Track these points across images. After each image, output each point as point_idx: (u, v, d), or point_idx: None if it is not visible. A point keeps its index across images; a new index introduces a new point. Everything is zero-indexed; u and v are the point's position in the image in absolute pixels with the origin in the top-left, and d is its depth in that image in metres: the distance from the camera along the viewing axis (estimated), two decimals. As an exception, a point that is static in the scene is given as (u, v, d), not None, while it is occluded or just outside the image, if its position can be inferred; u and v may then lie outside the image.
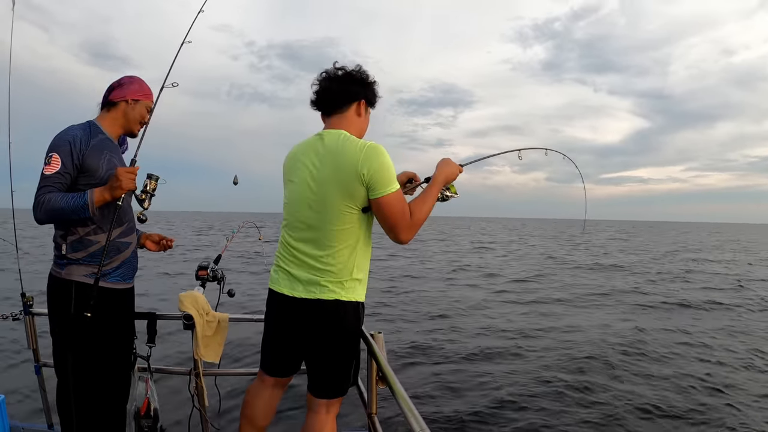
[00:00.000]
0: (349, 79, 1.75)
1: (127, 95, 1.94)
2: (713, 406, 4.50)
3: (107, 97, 1.94)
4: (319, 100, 1.78)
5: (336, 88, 1.74)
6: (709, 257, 23.06)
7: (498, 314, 8.52)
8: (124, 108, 1.94)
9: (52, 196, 1.73)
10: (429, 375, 5.18)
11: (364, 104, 1.79)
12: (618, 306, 9.60)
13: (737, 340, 7.08)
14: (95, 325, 1.81)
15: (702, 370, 5.56)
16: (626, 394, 4.70)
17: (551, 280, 13.50)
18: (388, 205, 1.63)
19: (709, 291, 11.92)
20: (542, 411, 4.29)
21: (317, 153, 1.69)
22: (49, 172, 1.74)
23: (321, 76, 1.77)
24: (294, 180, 1.74)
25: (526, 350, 6.17)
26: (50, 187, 1.74)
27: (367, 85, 1.79)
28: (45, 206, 1.72)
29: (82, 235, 1.82)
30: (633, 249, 28.27)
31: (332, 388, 1.75)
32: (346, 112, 1.76)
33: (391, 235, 1.68)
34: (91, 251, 1.82)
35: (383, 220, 1.66)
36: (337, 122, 1.75)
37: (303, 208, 1.70)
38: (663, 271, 16.01)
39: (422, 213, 1.71)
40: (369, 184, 1.60)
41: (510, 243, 32.54)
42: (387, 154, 1.62)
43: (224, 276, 2.36)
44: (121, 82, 1.96)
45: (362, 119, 1.80)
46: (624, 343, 6.55)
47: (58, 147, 1.77)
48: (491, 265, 17.24)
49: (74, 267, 1.81)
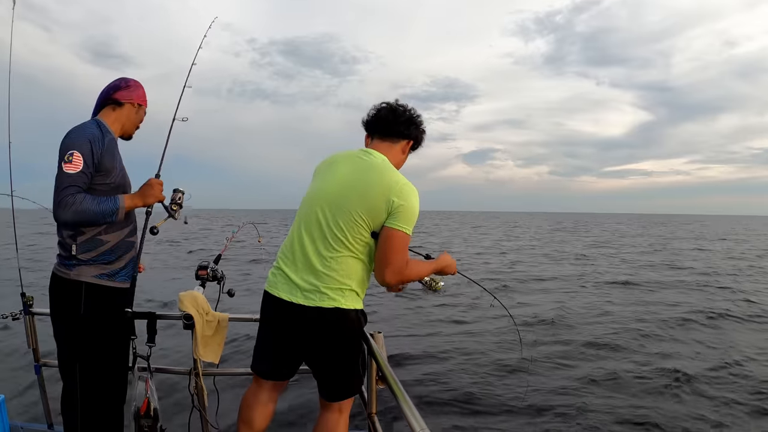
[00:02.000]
0: (410, 120, 1.87)
1: (135, 99, 1.94)
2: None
3: (111, 96, 1.90)
4: (377, 124, 1.86)
5: (394, 121, 1.84)
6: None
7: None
8: (129, 110, 1.93)
9: (83, 197, 1.70)
10: (429, 375, 5.18)
11: (410, 144, 1.91)
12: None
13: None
14: (103, 325, 1.81)
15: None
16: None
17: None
18: (397, 239, 1.65)
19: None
20: (542, 411, 4.30)
21: (356, 165, 1.75)
22: (72, 170, 1.68)
23: (384, 105, 1.88)
24: (322, 180, 1.79)
25: (533, 351, 6.17)
26: (77, 186, 1.69)
27: (422, 131, 1.91)
28: (75, 207, 1.67)
29: (93, 236, 1.79)
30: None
31: (342, 391, 1.77)
32: (396, 145, 1.86)
33: (381, 270, 1.68)
34: (101, 251, 1.80)
35: (383, 251, 1.66)
36: (385, 149, 1.83)
37: (321, 206, 1.71)
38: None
39: (414, 271, 1.76)
40: (392, 212, 1.65)
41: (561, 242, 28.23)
42: (418, 201, 1.70)
43: (224, 276, 2.36)
44: (128, 83, 1.94)
45: (404, 156, 1.91)
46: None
47: (79, 145, 1.71)
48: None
49: (84, 268, 1.79)
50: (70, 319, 1.79)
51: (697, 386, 4.90)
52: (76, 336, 1.79)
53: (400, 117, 1.85)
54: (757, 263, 17.59)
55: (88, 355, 1.81)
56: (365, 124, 1.91)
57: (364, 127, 1.92)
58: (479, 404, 4.43)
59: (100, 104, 1.93)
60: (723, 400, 4.58)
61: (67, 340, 1.81)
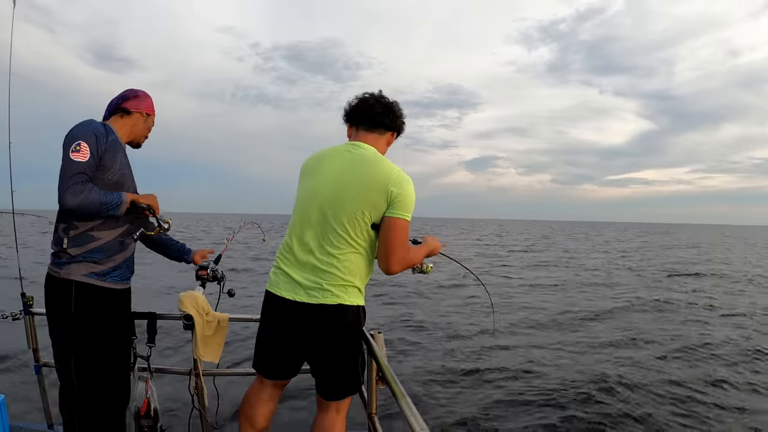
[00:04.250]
0: (394, 110, 1.87)
1: (143, 108, 2.01)
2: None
3: (119, 105, 1.98)
4: (363, 115, 1.85)
5: (381, 111, 1.83)
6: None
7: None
8: (137, 119, 2.00)
9: (91, 186, 1.72)
10: (429, 375, 5.19)
11: (395, 136, 1.93)
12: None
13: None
14: (95, 325, 1.81)
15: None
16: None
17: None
18: (398, 227, 1.68)
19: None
20: (545, 412, 4.30)
21: (346, 159, 1.75)
22: (80, 159, 1.71)
23: (368, 95, 1.87)
24: (314, 177, 1.78)
25: (529, 349, 6.18)
26: (86, 175, 1.72)
27: (403, 122, 1.92)
28: (84, 194, 1.69)
29: (85, 230, 1.80)
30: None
31: (341, 390, 1.77)
32: (382, 137, 1.86)
33: (385, 260, 1.70)
34: (90, 248, 1.81)
35: (387, 240, 1.68)
36: (372, 141, 1.83)
37: (319, 204, 1.72)
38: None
39: (414, 257, 1.81)
40: (391, 202, 1.66)
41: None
42: (414, 188, 1.73)
43: (224, 276, 2.36)
44: (137, 94, 2.02)
45: (387, 148, 1.92)
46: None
47: (85, 137, 1.75)
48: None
49: (73, 266, 1.79)
50: (62, 318, 1.80)
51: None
52: (69, 334, 1.80)
53: (387, 108, 1.84)
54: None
55: (82, 353, 1.81)
56: (348, 115, 1.88)
57: (346, 118, 1.89)
58: (480, 404, 4.43)
59: (109, 113, 1.99)
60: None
61: (61, 339, 1.82)
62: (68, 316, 1.79)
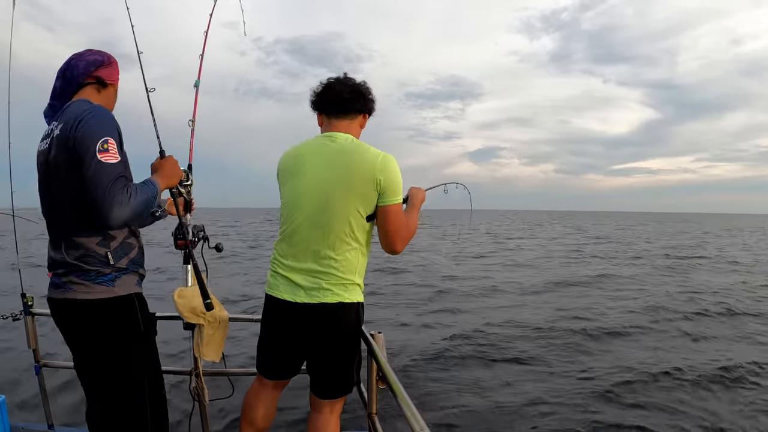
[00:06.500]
0: (363, 91, 1.81)
1: (116, 79, 1.65)
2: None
3: (93, 73, 1.58)
4: (332, 103, 1.78)
5: (350, 97, 1.78)
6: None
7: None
8: (112, 94, 1.65)
9: (132, 186, 1.44)
10: (429, 374, 5.18)
11: (367, 117, 1.88)
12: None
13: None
14: (154, 339, 1.68)
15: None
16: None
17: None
18: (395, 213, 1.68)
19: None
20: (545, 411, 4.30)
21: (326, 154, 1.71)
22: (114, 160, 1.41)
23: (333, 80, 1.80)
24: (298, 180, 1.74)
25: (528, 350, 6.17)
26: (124, 177, 1.44)
27: (373, 101, 1.87)
28: (132, 201, 1.40)
29: (123, 239, 1.57)
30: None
31: (336, 389, 1.77)
32: (354, 120, 1.82)
33: (390, 243, 1.72)
34: (131, 257, 1.60)
35: (386, 227, 1.69)
36: (345, 127, 1.79)
37: (309, 206, 1.69)
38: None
39: (413, 227, 1.81)
40: (382, 191, 1.65)
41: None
42: (398, 166, 1.70)
43: (204, 231, 1.89)
44: (110, 60, 1.63)
45: (362, 130, 1.88)
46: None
47: (111, 132, 1.45)
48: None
49: (126, 278, 1.56)
50: (131, 341, 1.55)
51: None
52: (141, 357, 1.59)
53: (355, 92, 1.78)
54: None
55: (155, 374, 1.66)
56: (316, 104, 1.82)
57: (313, 107, 1.84)
58: (480, 404, 4.43)
59: (77, 82, 1.57)
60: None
61: (131, 365, 1.57)
62: (138, 336, 1.58)
